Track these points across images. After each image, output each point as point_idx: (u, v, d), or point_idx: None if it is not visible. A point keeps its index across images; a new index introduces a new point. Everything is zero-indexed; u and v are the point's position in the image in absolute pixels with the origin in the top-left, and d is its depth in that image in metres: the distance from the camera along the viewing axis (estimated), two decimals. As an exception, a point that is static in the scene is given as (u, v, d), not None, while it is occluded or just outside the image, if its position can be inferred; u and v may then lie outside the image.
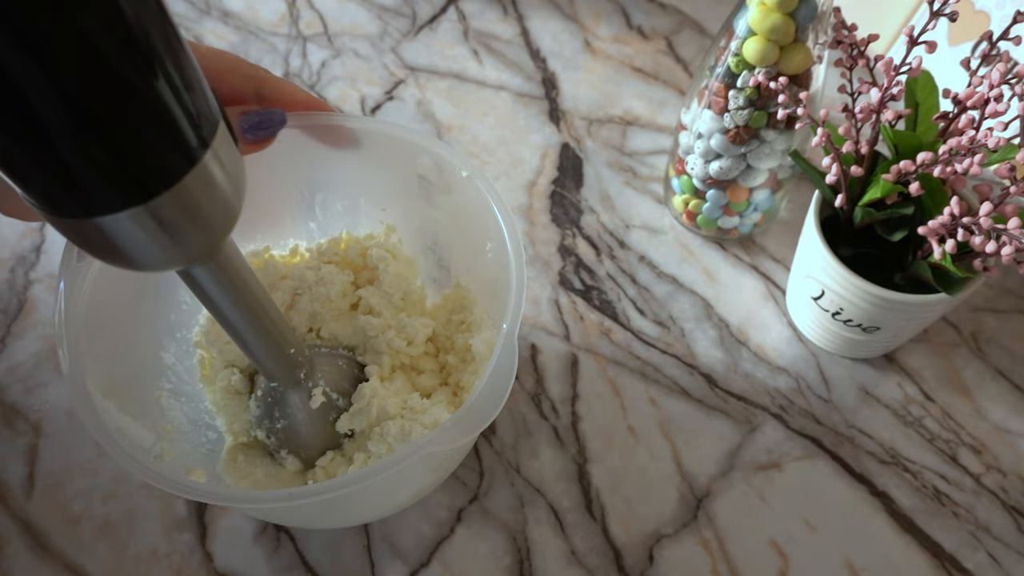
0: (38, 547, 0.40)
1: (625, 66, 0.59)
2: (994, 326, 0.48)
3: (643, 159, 0.54)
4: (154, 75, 0.19)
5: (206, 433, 0.38)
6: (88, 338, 0.31)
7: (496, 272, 0.34)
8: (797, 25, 0.38)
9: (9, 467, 0.42)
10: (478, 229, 0.36)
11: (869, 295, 0.39)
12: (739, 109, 0.41)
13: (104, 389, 0.30)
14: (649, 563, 0.40)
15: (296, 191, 0.41)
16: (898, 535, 0.41)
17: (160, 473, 0.28)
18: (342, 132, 0.35)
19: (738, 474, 0.43)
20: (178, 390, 0.38)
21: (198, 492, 0.28)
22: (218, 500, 0.31)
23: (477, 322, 0.39)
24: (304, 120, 0.34)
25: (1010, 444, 0.44)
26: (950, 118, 0.37)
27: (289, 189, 0.40)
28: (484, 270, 0.37)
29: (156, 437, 0.33)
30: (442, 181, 0.37)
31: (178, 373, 0.39)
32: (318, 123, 0.35)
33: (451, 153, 0.35)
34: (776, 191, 0.47)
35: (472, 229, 0.37)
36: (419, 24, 0.61)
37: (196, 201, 0.21)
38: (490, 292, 0.37)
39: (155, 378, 0.37)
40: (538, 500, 0.42)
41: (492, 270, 0.35)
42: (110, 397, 0.31)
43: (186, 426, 0.37)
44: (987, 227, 0.33)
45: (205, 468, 0.36)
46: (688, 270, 0.50)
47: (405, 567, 0.40)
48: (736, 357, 0.46)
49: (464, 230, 0.38)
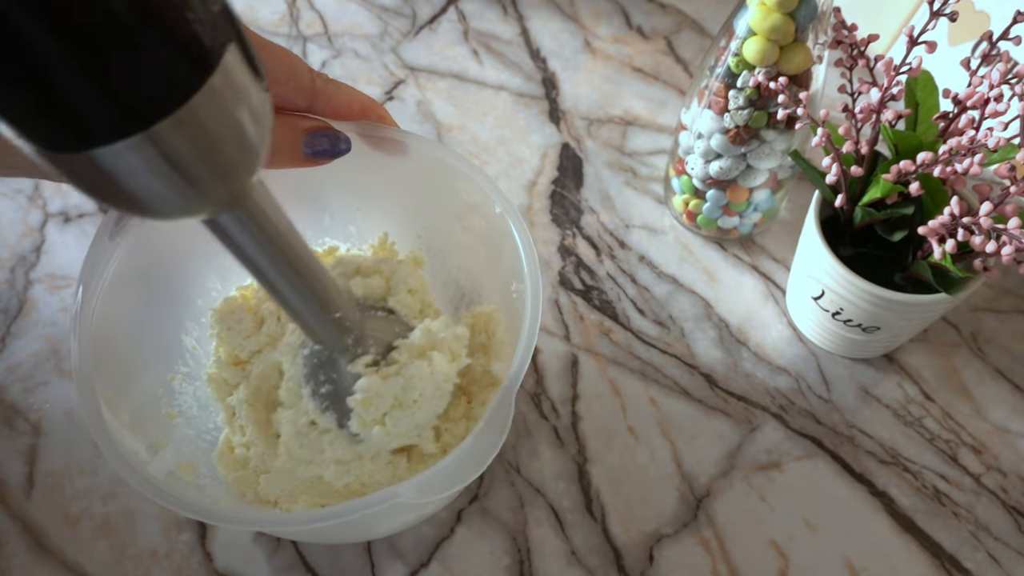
0: (37, 547, 0.40)
1: (625, 66, 0.59)
2: (994, 326, 0.48)
3: (643, 159, 0.54)
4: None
5: (214, 419, 0.39)
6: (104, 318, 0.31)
7: (516, 314, 0.34)
8: (797, 25, 0.38)
9: (9, 467, 0.42)
10: (508, 267, 0.35)
11: (869, 295, 0.39)
12: (739, 109, 0.41)
13: (112, 375, 0.31)
14: (649, 563, 0.40)
15: (337, 191, 0.40)
16: (898, 535, 0.41)
17: (151, 481, 0.28)
18: (390, 142, 0.35)
19: (738, 474, 0.43)
20: (194, 374, 0.39)
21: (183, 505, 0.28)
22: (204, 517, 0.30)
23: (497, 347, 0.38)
24: (356, 128, 0.34)
25: (1010, 444, 0.44)
26: (950, 118, 0.37)
27: (331, 187, 0.40)
28: (505, 308, 0.37)
29: (157, 427, 0.34)
30: (478, 212, 0.36)
31: (197, 357, 0.39)
32: (369, 133, 0.35)
33: (489, 187, 0.35)
34: (776, 191, 0.47)
35: (501, 265, 0.36)
36: (419, 24, 0.61)
37: (207, 130, 0.18)
38: (508, 332, 0.37)
39: (171, 361, 0.37)
40: (538, 500, 0.42)
41: (514, 312, 0.35)
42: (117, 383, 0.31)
43: (195, 411, 0.38)
44: (987, 227, 0.33)
45: (203, 457, 0.36)
46: (688, 270, 0.50)
47: (405, 567, 0.40)
48: (736, 357, 0.46)
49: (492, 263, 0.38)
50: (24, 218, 0.51)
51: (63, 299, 0.48)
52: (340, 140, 0.32)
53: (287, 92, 0.31)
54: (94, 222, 0.51)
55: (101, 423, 0.29)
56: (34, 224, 0.51)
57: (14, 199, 0.52)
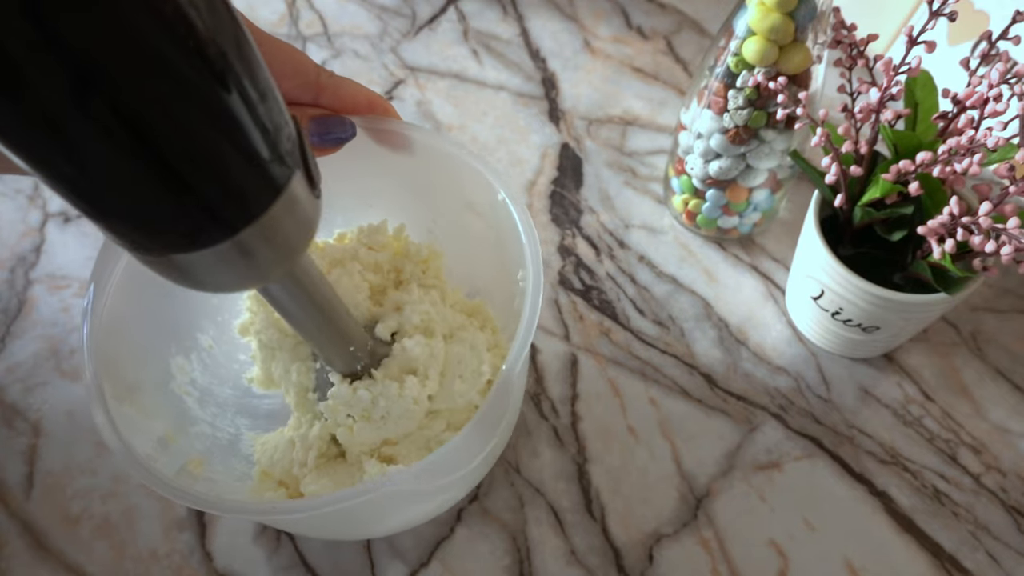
0: (37, 547, 0.40)
1: (625, 66, 0.59)
2: (994, 326, 0.48)
3: (643, 159, 0.54)
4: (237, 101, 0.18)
5: (230, 416, 0.39)
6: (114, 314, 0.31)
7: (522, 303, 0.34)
8: (797, 25, 0.38)
9: (8, 467, 0.42)
10: (512, 255, 0.35)
11: (869, 295, 0.39)
12: (739, 109, 0.41)
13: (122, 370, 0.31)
14: (649, 563, 0.40)
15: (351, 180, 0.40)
16: (898, 535, 0.41)
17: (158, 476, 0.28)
18: (395, 136, 0.35)
19: (738, 474, 0.43)
20: (210, 369, 0.39)
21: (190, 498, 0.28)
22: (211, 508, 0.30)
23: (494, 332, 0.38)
24: (362, 122, 0.34)
25: (1010, 444, 0.44)
26: (949, 118, 0.37)
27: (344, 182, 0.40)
28: (511, 297, 0.37)
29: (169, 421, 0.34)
30: (485, 202, 0.36)
31: (213, 355, 0.39)
32: (373, 126, 0.35)
33: (492, 175, 0.35)
34: (776, 191, 0.47)
35: (506, 254, 0.36)
36: (419, 24, 0.61)
37: (281, 228, 0.21)
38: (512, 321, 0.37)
39: (186, 355, 0.38)
40: (538, 500, 0.42)
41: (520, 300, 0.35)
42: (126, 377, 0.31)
43: (211, 407, 0.38)
44: (986, 227, 0.33)
45: (217, 453, 0.36)
46: (688, 270, 0.50)
47: (405, 567, 0.40)
48: (736, 357, 0.46)
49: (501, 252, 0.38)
50: (24, 218, 0.51)
51: (63, 299, 0.48)
52: (346, 125, 0.32)
53: (293, 87, 0.31)
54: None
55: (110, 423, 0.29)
56: (34, 224, 0.51)
57: (14, 199, 0.52)
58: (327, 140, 0.32)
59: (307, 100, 0.32)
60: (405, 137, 0.35)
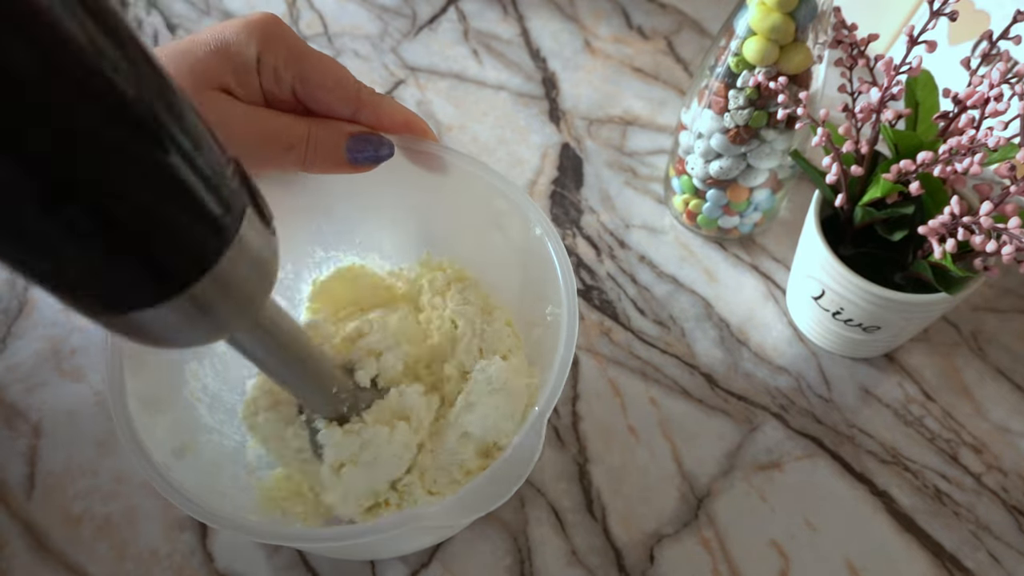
0: (38, 547, 0.40)
1: (625, 66, 0.59)
2: (994, 326, 0.48)
3: (643, 159, 0.54)
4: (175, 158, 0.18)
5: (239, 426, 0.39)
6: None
7: (547, 339, 0.34)
8: (797, 25, 0.38)
9: (9, 467, 0.42)
10: (538, 286, 0.35)
11: (869, 295, 0.39)
12: (739, 109, 0.41)
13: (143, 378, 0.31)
14: (650, 563, 0.40)
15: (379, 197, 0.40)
16: (899, 534, 0.41)
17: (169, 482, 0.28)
18: (431, 157, 0.35)
19: (738, 474, 0.43)
20: (222, 376, 0.39)
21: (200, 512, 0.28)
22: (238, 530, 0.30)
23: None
24: (398, 141, 0.34)
25: (1010, 443, 0.44)
26: (950, 117, 0.37)
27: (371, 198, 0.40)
28: (531, 325, 0.37)
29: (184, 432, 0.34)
30: (517, 232, 0.36)
31: (225, 361, 0.39)
32: (410, 146, 0.34)
33: (529, 207, 0.35)
34: (776, 191, 0.47)
35: (532, 283, 0.36)
36: (419, 24, 0.61)
37: (236, 277, 0.20)
38: (535, 355, 0.37)
39: (200, 362, 0.37)
40: (539, 500, 0.42)
41: (545, 336, 0.35)
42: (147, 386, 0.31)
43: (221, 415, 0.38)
44: (987, 226, 0.33)
45: (227, 464, 0.36)
46: (688, 270, 0.50)
47: (406, 567, 0.40)
48: (736, 357, 0.46)
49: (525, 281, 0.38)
50: (24, 218, 0.51)
51: (63, 299, 0.48)
52: (383, 145, 0.32)
53: (333, 100, 0.31)
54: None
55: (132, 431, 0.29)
56: (34, 224, 0.51)
57: (14, 199, 0.52)
58: (364, 158, 0.32)
59: (345, 115, 0.32)
60: (440, 160, 0.35)
